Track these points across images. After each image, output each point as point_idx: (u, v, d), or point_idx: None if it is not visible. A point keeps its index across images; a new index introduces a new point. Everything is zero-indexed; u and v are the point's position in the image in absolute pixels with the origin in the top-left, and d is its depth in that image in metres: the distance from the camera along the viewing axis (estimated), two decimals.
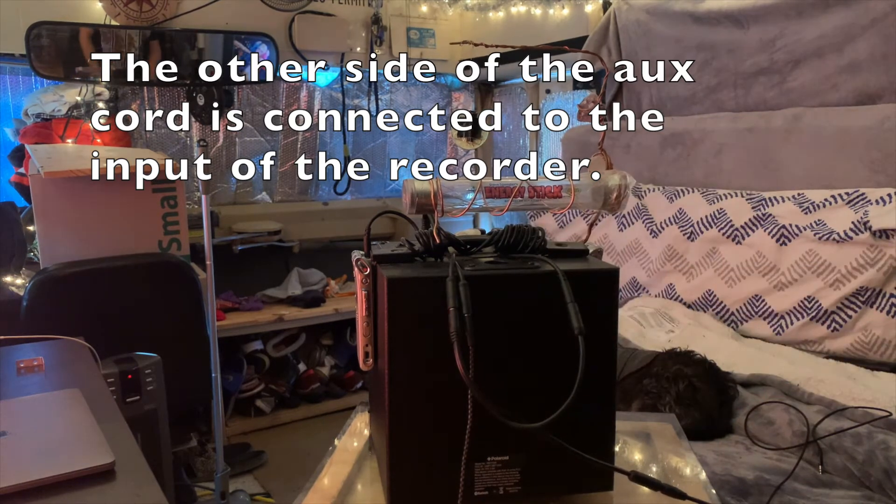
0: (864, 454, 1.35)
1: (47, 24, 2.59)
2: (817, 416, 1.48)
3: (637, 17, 2.67)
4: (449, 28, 3.55)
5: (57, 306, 1.90)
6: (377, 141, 3.79)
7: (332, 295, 3.36)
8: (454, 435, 0.73)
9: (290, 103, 3.47)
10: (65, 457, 0.82)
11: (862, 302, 1.83)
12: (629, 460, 0.94)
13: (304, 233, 3.43)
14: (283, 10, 3.12)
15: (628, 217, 2.52)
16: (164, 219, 2.15)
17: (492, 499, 0.78)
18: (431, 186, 0.79)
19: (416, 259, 0.81)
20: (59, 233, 2.01)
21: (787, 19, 2.20)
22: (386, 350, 0.75)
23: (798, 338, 1.94)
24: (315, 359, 3.37)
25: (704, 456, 1.39)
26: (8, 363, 1.20)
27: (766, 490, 1.28)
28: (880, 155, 1.95)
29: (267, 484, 2.64)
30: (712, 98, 2.51)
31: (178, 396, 1.98)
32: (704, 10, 2.42)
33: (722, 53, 2.42)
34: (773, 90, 2.31)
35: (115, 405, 1.04)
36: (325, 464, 0.89)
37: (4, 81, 2.88)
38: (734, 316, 2.10)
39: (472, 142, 0.85)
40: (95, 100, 2.83)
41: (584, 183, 0.86)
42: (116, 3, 2.72)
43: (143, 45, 2.83)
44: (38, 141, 2.66)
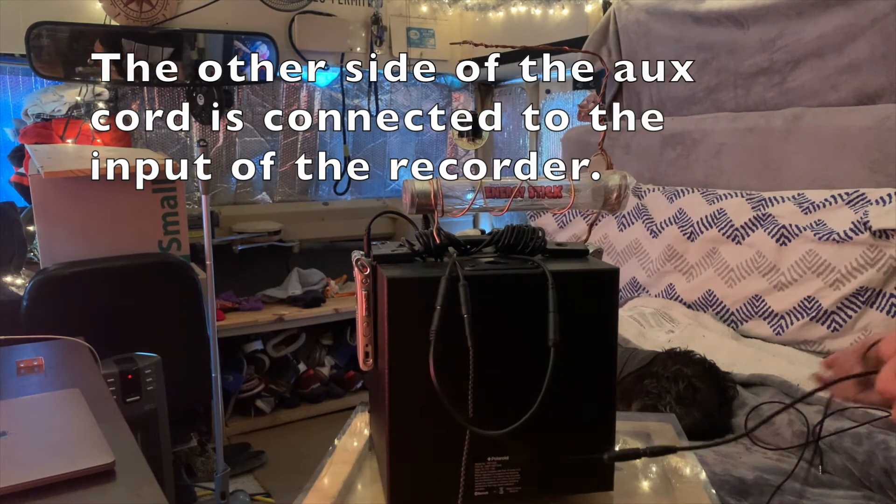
0: (864, 454, 1.35)
1: (47, 24, 2.59)
2: (817, 417, 1.47)
3: (637, 17, 2.67)
4: (449, 28, 3.55)
5: (57, 306, 1.90)
6: (377, 141, 3.79)
7: (332, 295, 3.36)
8: (454, 435, 0.73)
9: (290, 103, 3.47)
10: (65, 457, 0.82)
11: (862, 302, 1.83)
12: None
13: (304, 233, 3.43)
14: (283, 10, 3.12)
15: (628, 217, 2.52)
16: (164, 219, 2.15)
17: (492, 499, 0.78)
18: (431, 186, 0.79)
19: (416, 259, 0.81)
20: (59, 233, 2.01)
21: (787, 19, 2.20)
22: (386, 350, 0.75)
23: (798, 338, 1.94)
24: (315, 359, 3.37)
25: (704, 456, 1.39)
26: (8, 363, 1.20)
27: (766, 490, 1.28)
28: (880, 155, 1.95)
29: (267, 484, 2.64)
30: (712, 98, 2.51)
31: (178, 396, 1.98)
32: (704, 10, 2.42)
33: (722, 53, 2.42)
34: (773, 90, 2.31)
35: (115, 405, 1.04)
36: (325, 464, 0.89)
37: (4, 81, 2.88)
38: (734, 316, 2.10)
39: (473, 142, 0.85)
40: (95, 100, 2.83)
41: (584, 183, 0.86)
42: (116, 3, 2.72)
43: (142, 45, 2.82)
44: (38, 141, 2.66)
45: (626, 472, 0.89)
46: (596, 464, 0.78)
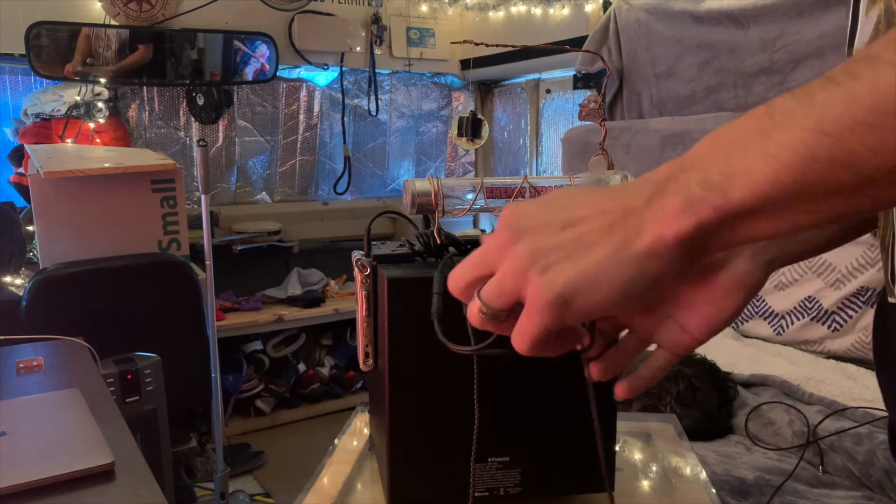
0: (864, 454, 1.35)
1: (47, 24, 2.59)
2: (818, 417, 1.47)
3: (637, 17, 2.67)
4: (449, 28, 3.55)
5: (56, 306, 1.90)
6: (377, 141, 3.79)
7: (332, 295, 3.36)
8: (454, 435, 0.73)
9: (290, 103, 3.47)
10: (64, 457, 0.82)
11: (862, 302, 1.83)
12: (629, 460, 0.94)
13: (304, 233, 3.43)
14: (283, 10, 3.11)
15: None
16: (164, 219, 2.15)
17: (492, 499, 0.78)
18: (432, 186, 0.79)
19: (416, 259, 0.81)
20: (58, 233, 2.01)
21: (787, 19, 2.20)
22: (386, 350, 0.75)
23: (798, 338, 1.94)
24: (315, 359, 3.37)
25: (705, 456, 1.39)
26: (7, 363, 1.20)
27: (766, 490, 1.28)
28: None
29: (267, 484, 2.64)
30: (713, 98, 2.51)
31: (178, 396, 1.97)
32: (705, 9, 2.42)
33: (722, 53, 2.42)
34: (773, 90, 2.31)
35: (114, 405, 1.04)
36: (325, 464, 0.89)
37: (4, 81, 2.88)
38: None
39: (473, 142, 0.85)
40: (95, 100, 2.83)
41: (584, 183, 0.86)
42: (116, 2, 2.72)
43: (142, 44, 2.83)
44: (37, 141, 2.65)
45: (626, 472, 0.89)
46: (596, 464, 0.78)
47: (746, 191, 0.35)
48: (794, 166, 0.34)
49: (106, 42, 2.73)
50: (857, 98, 0.34)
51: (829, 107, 0.34)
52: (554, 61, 3.10)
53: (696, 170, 0.37)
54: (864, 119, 0.33)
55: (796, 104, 0.36)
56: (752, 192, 0.35)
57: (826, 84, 0.36)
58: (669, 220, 0.37)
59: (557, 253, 0.39)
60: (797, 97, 0.36)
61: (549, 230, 0.39)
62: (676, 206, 0.37)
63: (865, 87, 0.34)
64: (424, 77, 3.76)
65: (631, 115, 2.83)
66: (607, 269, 0.38)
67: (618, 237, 0.38)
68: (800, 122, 0.35)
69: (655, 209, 0.38)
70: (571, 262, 0.38)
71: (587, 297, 0.38)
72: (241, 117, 3.32)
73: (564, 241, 0.39)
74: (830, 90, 0.35)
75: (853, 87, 0.34)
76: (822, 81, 0.36)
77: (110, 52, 2.75)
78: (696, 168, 0.37)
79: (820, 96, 0.35)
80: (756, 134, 0.36)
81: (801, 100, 0.36)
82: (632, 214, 0.38)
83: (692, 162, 0.38)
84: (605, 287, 0.38)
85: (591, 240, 0.38)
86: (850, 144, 0.34)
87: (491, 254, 0.41)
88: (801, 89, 0.37)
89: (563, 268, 0.38)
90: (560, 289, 0.38)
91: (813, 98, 0.35)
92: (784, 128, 0.35)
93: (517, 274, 0.39)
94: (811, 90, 0.36)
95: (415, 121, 3.86)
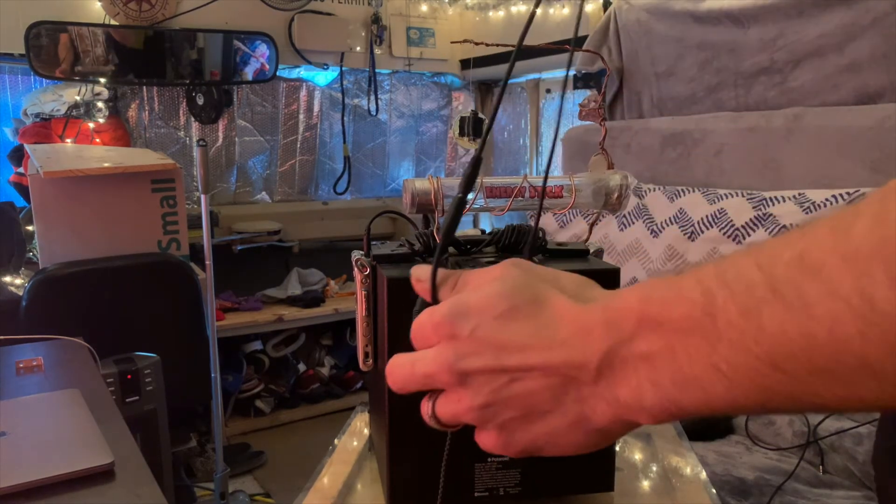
0: (864, 454, 1.35)
1: (47, 24, 2.59)
2: (818, 417, 1.47)
3: (637, 17, 2.67)
4: (449, 28, 3.55)
5: (56, 306, 1.90)
6: (377, 141, 3.79)
7: (332, 295, 3.36)
8: (454, 435, 0.73)
9: (290, 103, 3.47)
10: (64, 457, 0.82)
11: None
12: (629, 460, 0.93)
13: (303, 233, 3.43)
14: (283, 10, 3.11)
15: (629, 217, 2.52)
16: (164, 219, 2.15)
17: (492, 500, 0.78)
18: (432, 186, 0.79)
19: (416, 259, 0.81)
20: (58, 233, 2.01)
21: (787, 19, 2.20)
22: (386, 350, 0.75)
23: None
24: (315, 359, 3.37)
25: (705, 456, 1.39)
26: (7, 363, 1.20)
27: (766, 490, 1.28)
28: (881, 155, 1.94)
29: (267, 484, 2.64)
30: (713, 98, 2.51)
31: (178, 396, 1.98)
32: (705, 9, 2.42)
33: (722, 53, 2.42)
34: (773, 90, 2.31)
35: (114, 405, 1.04)
36: (325, 464, 0.89)
37: (4, 81, 2.88)
38: None
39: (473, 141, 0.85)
40: (95, 100, 2.83)
41: (584, 183, 0.86)
42: (116, 2, 2.72)
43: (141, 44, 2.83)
44: (37, 141, 2.65)
45: (626, 472, 0.89)
46: (596, 464, 0.78)
47: (703, 405, 0.32)
48: (753, 393, 0.30)
49: (105, 42, 2.73)
50: (815, 341, 0.27)
51: (782, 341, 0.28)
52: (554, 61, 3.10)
53: (640, 353, 0.33)
54: (825, 367, 0.28)
55: (740, 318, 0.30)
56: (710, 406, 0.32)
57: (772, 298, 0.29)
58: (624, 412, 0.35)
59: (512, 410, 0.38)
60: (737, 299, 0.30)
61: (496, 380, 0.38)
62: (629, 401, 0.34)
63: (823, 329, 0.27)
64: (424, 77, 3.75)
65: (631, 115, 2.83)
66: (564, 434, 0.38)
67: (572, 410, 0.37)
68: (748, 345, 0.29)
69: (607, 396, 0.35)
70: (529, 426, 0.38)
71: (549, 450, 0.39)
72: (241, 117, 3.32)
73: (514, 395, 0.38)
74: (778, 314, 0.28)
75: (808, 327, 0.27)
76: (765, 290, 0.29)
77: (110, 52, 2.75)
78: (638, 345, 0.33)
79: (767, 317, 0.29)
80: (696, 332, 0.31)
81: (743, 312, 0.30)
82: (579, 385, 0.36)
83: (630, 330, 0.34)
84: (565, 445, 0.39)
85: (543, 406, 0.37)
86: (815, 388, 0.28)
87: (441, 375, 0.41)
88: (738, 278, 0.30)
89: (521, 431, 0.39)
90: (521, 447, 0.39)
91: (759, 316, 0.29)
92: (730, 345, 0.30)
93: (474, 418, 0.40)
94: (755, 300, 0.29)
95: (415, 121, 3.86)
